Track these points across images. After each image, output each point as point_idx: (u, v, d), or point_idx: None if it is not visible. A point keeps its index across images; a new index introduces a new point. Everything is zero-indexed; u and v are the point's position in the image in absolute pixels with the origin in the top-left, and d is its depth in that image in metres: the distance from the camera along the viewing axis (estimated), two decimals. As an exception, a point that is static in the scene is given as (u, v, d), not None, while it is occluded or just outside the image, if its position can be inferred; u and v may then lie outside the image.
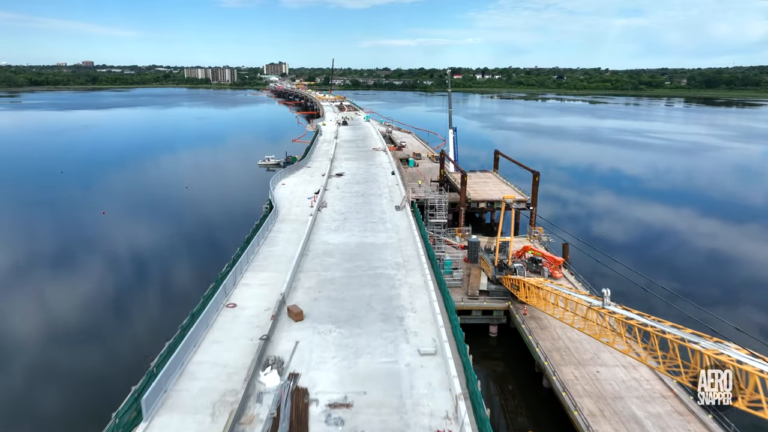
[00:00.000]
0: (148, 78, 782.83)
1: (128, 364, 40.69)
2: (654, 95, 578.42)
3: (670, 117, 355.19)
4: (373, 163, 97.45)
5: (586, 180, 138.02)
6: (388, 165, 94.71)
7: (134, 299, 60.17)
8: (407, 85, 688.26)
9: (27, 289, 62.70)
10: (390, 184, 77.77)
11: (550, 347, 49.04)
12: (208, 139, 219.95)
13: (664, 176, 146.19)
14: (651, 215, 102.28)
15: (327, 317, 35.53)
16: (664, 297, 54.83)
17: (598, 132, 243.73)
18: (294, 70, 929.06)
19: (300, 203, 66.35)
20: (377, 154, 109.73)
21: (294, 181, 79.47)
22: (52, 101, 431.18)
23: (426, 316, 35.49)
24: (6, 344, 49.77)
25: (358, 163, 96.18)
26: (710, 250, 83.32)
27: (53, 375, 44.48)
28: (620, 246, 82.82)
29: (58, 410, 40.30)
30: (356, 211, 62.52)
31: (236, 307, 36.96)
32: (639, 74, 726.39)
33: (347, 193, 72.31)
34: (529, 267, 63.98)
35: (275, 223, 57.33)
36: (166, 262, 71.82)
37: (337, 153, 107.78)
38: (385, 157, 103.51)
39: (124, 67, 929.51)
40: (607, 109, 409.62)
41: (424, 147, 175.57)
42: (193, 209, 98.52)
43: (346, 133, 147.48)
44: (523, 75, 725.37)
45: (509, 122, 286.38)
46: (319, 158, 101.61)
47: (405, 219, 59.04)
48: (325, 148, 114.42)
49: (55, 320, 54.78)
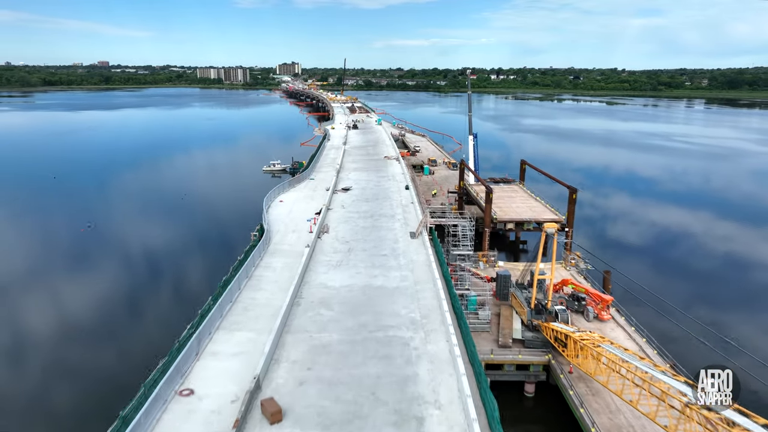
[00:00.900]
0: (161, 78, 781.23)
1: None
2: (673, 96, 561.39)
3: (694, 119, 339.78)
4: (385, 174, 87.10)
5: (619, 191, 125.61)
6: (402, 177, 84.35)
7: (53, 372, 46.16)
8: (420, 86, 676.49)
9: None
10: (404, 202, 67.31)
11: (607, 424, 38.29)
12: (215, 141, 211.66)
13: (707, 186, 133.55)
14: (706, 234, 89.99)
15: (316, 416, 25.25)
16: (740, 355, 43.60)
17: (623, 135, 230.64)
18: (307, 70, 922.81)
19: (297, 227, 56.25)
20: (389, 163, 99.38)
21: (294, 197, 69.42)
22: (63, 101, 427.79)
23: (456, 418, 25.05)
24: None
25: (368, 175, 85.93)
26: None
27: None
28: (673, 272, 71.37)
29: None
30: (363, 239, 52.24)
31: (192, 395, 26.85)
32: (658, 75, 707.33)
33: (354, 213, 62.08)
34: (569, 305, 53.26)
35: (265, 255, 47.28)
36: (126, 314, 57.41)
37: (345, 162, 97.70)
38: (398, 167, 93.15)
39: (139, 67, 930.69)
40: (628, 111, 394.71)
41: (439, 152, 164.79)
42: (181, 229, 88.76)
43: (356, 138, 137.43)
44: (538, 75, 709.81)
45: (527, 124, 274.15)
46: (324, 168, 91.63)
47: (422, 251, 48.61)
48: (333, 155, 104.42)
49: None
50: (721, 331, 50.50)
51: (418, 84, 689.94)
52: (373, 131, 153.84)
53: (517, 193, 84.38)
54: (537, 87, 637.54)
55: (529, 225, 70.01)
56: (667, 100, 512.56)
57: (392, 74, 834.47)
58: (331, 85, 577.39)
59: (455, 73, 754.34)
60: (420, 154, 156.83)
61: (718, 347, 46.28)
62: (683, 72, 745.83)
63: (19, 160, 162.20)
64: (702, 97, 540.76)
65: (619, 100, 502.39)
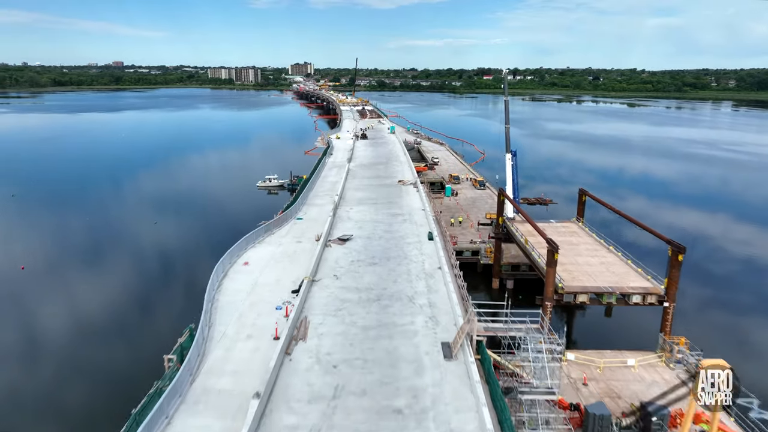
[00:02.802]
0: (171, 78, 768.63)
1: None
2: (699, 98, 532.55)
3: (734, 123, 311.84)
4: (400, 211, 64.97)
5: (703, 227, 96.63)
6: (422, 214, 62.44)
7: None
8: (435, 86, 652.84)
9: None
10: (428, 268, 45.10)
11: None
12: (211, 146, 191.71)
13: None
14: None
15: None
16: None
17: (667, 144, 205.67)
18: (320, 71, 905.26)
19: (258, 324, 34.62)
20: (405, 190, 77.24)
21: (266, 255, 47.60)
22: (67, 103, 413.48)
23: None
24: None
25: (377, 212, 63.92)
26: None
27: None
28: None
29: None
30: (362, 360, 30.24)
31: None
32: (682, 75, 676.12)
33: (351, 292, 40.14)
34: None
35: (177, 411, 25.69)
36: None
37: (348, 188, 75.92)
38: (417, 198, 71.18)
39: (152, 68, 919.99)
40: (658, 114, 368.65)
41: (460, 163, 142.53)
42: (132, 273, 67.91)
43: (364, 151, 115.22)
44: (557, 76, 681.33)
45: (554, 130, 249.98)
46: (319, 198, 69.95)
47: (467, 397, 26.74)
48: (333, 178, 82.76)
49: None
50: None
51: (433, 85, 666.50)
52: (385, 142, 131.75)
53: (580, 238, 61.51)
54: (555, 88, 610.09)
55: (610, 297, 47.69)
56: (690, 102, 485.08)
57: (406, 74, 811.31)
58: (344, 86, 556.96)
59: (470, 74, 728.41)
60: (439, 167, 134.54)
61: None
62: (706, 72, 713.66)
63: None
64: (729, 99, 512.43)
65: (641, 102, 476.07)
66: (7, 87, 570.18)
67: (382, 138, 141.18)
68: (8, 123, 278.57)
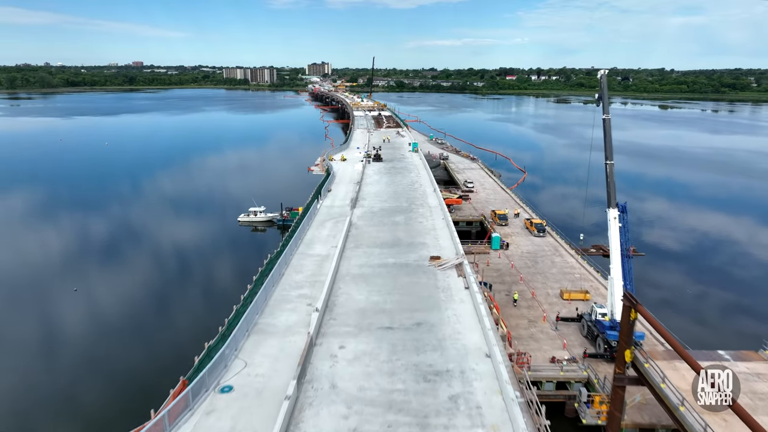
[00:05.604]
0: (186, 79, 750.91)
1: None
2: (738, 99, 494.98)
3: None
4: (437, 345, 33.32)
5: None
6: (489, 368, 30.82)
7: None
8: (456, 87, 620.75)
9: None
10: None
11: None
12: (198, 157, 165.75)
13: None
14: None
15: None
16: None
17: (742, 157, 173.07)
18: (337, 71, 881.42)
19: None
20: (444, 286, 44.42)
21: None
22: (73, 105, 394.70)
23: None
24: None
25: (393, 362, 31.47)
26: None
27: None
28: None
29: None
30: None
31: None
32: (719, 75, 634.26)
33: None
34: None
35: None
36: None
37: (345, 272, 45.91)
38: (468, 304, 39.94)
39: (170, 68, 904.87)
40: (706, 119, 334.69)
41: (501, 189, 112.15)
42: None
43: (376, 185, 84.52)
44: (583, 76, 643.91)
45: (596, 137, 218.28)
46: (291, 298, 40.99)
47: None
48: (319, 248, 52.35)
49: None
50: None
51: (454, 85, 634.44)
52: (407, 168, 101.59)
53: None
54: (583, 89, 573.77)
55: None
56: (730, 104, 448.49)
57: (425, 74, 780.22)
58: (361, 86, 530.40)
59: (492, 74, 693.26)
60: (474, 196, 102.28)
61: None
62: (741, 72, 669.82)
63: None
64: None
65: (675, 104, 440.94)
66: (17, 87, 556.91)
67: (402, 159, 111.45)
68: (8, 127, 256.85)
